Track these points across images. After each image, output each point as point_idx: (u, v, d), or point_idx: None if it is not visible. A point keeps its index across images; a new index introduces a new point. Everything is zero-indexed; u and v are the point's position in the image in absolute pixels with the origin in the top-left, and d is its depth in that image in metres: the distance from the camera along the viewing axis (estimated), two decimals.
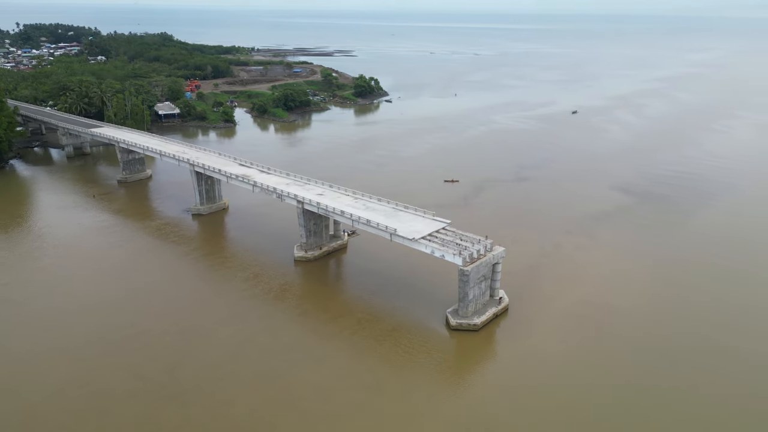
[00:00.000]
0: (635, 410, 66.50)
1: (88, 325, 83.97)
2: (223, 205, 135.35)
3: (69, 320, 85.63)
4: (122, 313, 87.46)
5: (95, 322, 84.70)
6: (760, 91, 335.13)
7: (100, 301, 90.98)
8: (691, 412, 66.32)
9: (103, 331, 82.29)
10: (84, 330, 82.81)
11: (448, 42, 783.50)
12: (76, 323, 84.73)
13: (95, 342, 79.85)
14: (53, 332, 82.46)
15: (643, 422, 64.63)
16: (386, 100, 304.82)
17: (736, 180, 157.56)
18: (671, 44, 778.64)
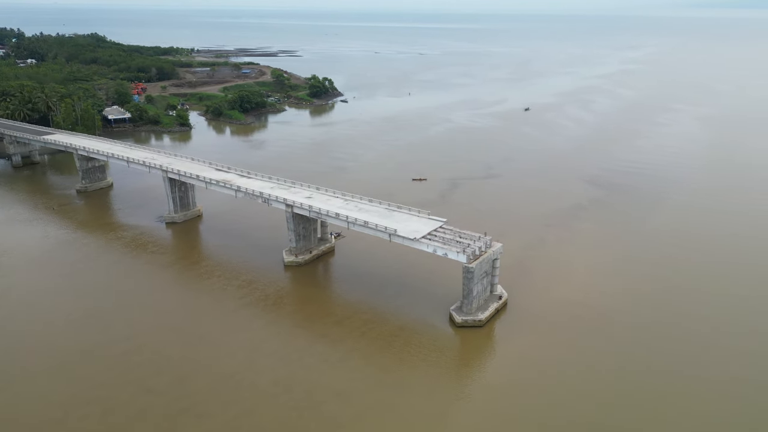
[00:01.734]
0: (635, 393, 69.76)
1: (80, 342, 79.74)
2: (197, 212, 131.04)
3: (58, 337, 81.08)
4: (114, 327, 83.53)
5: (88, 338, 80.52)
6: (690, 85, 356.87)
7: (87, 316, 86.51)
8: (688, 400, 69.84)
9: (99, 347, 78.41)
10: (77, 346, 78.58)
11: (391, 42, 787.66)
12: (67, 340, 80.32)
13: (93, 358, 75.98)
14: (43, 351, 77.72)
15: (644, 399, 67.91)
16: (342, 100, 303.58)
17: (687, 170, 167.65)
18: (601, 42, 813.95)
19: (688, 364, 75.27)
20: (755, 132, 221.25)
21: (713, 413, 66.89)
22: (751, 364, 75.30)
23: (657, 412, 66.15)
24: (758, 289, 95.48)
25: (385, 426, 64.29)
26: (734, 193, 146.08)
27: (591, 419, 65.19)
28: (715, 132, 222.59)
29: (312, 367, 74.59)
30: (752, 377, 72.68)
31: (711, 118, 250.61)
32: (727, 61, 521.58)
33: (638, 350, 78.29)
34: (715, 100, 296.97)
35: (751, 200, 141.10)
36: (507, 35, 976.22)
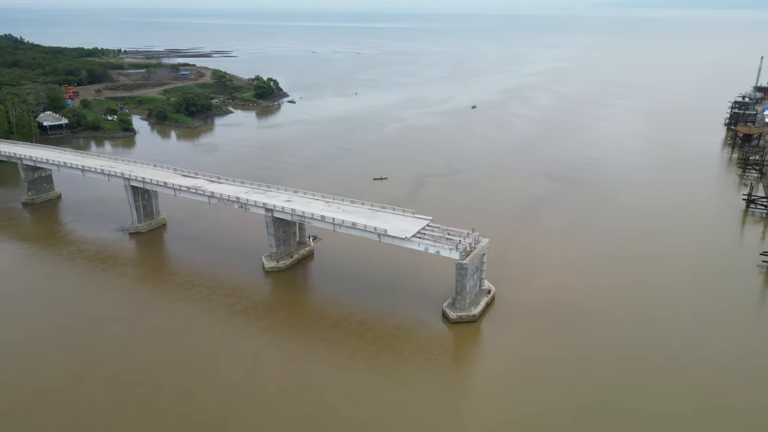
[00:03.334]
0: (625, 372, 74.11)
1: (66, 365, 75.34)
2: (162, 221, 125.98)
3: (39, 363, 76.09)
4: (100, 346, 79.49)
5: (73, 361, 76.21)
6: (618, 81, 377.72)
7: (66, 337, 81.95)
8: (670, 384, 74.30)
9: (88, 369, 74.48)
10: (63, 370, 74.18)
11: (327, 41, 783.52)
12: (51, 364, 75.61)
13: (84, 381, 72.13)
14: (27, 379, 72.70)
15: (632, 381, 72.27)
16: (289, 100, 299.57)
17: (630, 161, 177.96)
18: (528, 41, 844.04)
19: (665, 347, 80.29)
20: (682, 124, 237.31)
21: (695, 396, 71.81)
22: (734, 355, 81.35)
23: (646, 393, 70.32)
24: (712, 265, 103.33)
25: (404, 424, 64.96)
26: (674, 185, 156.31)
27: (598, 398, 68.41)
28: (647, 125, 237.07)
29: (318, 371, 73.99)
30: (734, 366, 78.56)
31: (641, 111, 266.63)
32: (642, 58, 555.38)
33: (621, 335, 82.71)
34: (642, 95, 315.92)
35: (690, 192, 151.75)
36: (434, 34, 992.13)
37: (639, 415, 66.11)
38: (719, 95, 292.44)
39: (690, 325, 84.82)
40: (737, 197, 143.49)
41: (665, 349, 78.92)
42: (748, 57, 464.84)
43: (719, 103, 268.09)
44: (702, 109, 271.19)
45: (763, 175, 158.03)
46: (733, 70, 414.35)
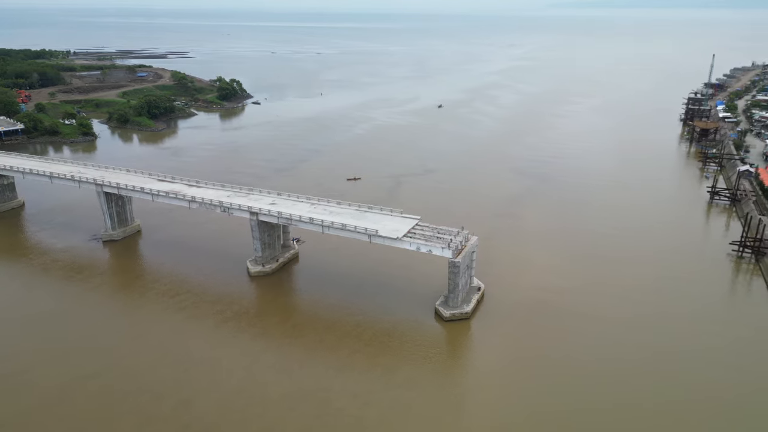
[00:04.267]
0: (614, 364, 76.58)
1: (53, 379, 72.29)
2: (136, 228, 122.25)
3: (23, 378, 72.63)
4: (87, 358, 76.68)
5: (60, 375, 73.26)
6: (578, 79, 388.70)
7: (49, 351, 78.36)
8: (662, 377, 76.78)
9: (77, 382, 71.78)
10: (51, 384, 71.23)
11: (286, 41, 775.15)
12: (36, 379, 72.33)
13: (76, 394, 69.58)
14: (12, 393, 69.25)
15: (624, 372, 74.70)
16: (253, 102, 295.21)
17: (595, 156, 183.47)
18: (484, 41, 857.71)
19: (653, 337, 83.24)
20: (640, 120, 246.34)
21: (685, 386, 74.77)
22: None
23: (641, 385, 72.73)
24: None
25: (412, 422, 65.23)
26: (640, 179, 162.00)
27: (598, 391, 70.38)
28: (608, 121, 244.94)
29: (318, 374, 73.40)
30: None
31: (602, 108, 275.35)
32: (599, 57, 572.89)
33: (606, 328, 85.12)
34: (601, 92, 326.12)
35: (657, 186, 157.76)
36: (394, 34, 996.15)
37: (640, 409, 68.14)
38: (673, 92, 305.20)
39: (676, 319, 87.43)
40: (701, 189, 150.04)
41: (651, 337, 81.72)
42: (700, 55, 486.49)
43: (674, 100, 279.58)
44: (658, 105, 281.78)
45: (723, 168, 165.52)
46: (686, 68, 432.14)
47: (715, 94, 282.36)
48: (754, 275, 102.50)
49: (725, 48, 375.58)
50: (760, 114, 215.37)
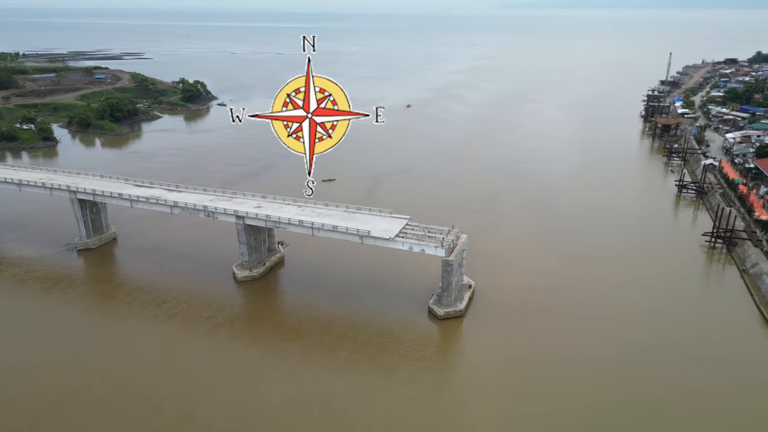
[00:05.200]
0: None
1: (44, 394, 69.57)
2: (112, 235, 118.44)
3: (10, 393, 69.19)
4: (77, 371, 74.16)
5: (51, 389, 70.52)
6: (537, 77, 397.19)
7: (34, 366, 75.19)
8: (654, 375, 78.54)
9: (71, 395, 69.34)
10: (43, 400, 68.30)
11: (245, 41, 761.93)
12: (25, 395, 69.45)
13: (71, 408, 67.17)
14: (1, 411, 65.89)
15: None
16: (219, 103, 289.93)
17: (566, 152, 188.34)
18: (443, 41, 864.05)
19: (644, 332, 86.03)
20: (602, 117, 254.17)
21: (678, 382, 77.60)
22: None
23: (640, 381, 75.07)
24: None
25: (419, 420, 65.70)
26: (609, 173, 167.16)
27: (598, 381, 72.24)
28: (572, 118, 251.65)
29: (319, 377, 73.02)
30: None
31: (564, 106, 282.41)
32: (556, 56, 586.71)
33: (600, 324, 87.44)
34: (562, 90, 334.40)
35: (626, 180, 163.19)
36: (349, 34, 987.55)
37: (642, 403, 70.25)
38: (630, 89, 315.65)
39: (663, 313, 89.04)
40: (668, 183, 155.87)
41: (642, 333, 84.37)
42: (654, 54, 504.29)
43: (632, 97, 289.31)
44: (617, 102, 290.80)
45: (686, 162, 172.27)
46: (641, 66, 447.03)
47: (672, 91, 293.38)
48: (727, 264, 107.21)
49: (676, 46, 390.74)
50: (716, 110, 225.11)
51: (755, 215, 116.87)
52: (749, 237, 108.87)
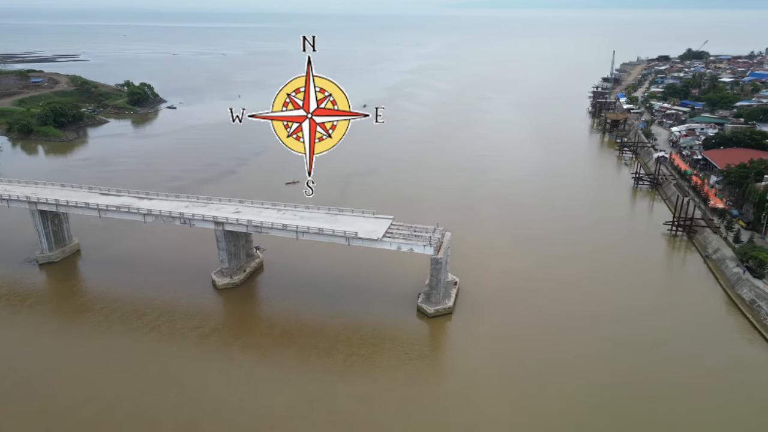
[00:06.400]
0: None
1: (34, 411, 65.72)
2: (75, 247, 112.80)
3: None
4: (65, 389, 70.56)
5: (40, 407, 66.64)
6: (487, 76, 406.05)
7: (14, 385, 70.88)
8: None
9: (64, 413, 65.90)
10: (34, 421, 63.87)
11: (187, 42, 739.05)
12: (12, 415, 64.91)
13: (65, 424, 63.78)
14: None
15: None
16: (168, 106, 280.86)
17: (524, 148, 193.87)
18: (389, 40, 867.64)
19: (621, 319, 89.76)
20: (553, 113, 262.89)
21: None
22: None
23: (631, 371, 78.33)
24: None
25: (425, 416, 66.27)
26: (567, 168, 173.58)
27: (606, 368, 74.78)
28: (525, 115, 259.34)
29: (319, 381, 72.47)
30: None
31: (516, 103, 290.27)
32: (499, 54, 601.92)
33: (581, 318, 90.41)
34: (511, 88, 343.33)
35: (583, 174, 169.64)
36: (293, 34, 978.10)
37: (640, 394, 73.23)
38: (576, 86, 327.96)
39: (644, 307, 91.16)
40: (624, 176, 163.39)
41: (621, 328, 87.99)
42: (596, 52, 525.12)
43: (578, 93, 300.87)
44: (565, 99, 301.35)
45: (638, 155, 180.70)
46: (584, 64, 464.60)
47: (614, 88, 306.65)
48: (689, 251, 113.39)
49: (613, 45, 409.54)
50: (659, 105, 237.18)
51: (710, 204, 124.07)
52: (708, 224, 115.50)
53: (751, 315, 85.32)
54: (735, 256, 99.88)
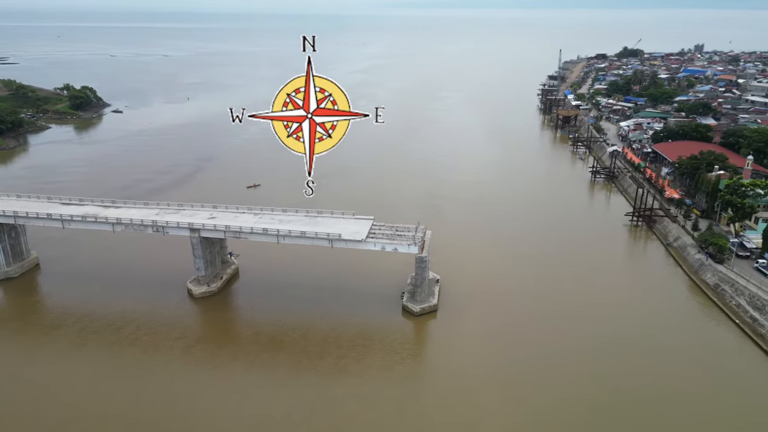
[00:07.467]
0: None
1: None
2: (34, 261, 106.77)
3: None
4: (43, 413, 66.61)
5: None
6: (436, 74, 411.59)
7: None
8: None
9: None
10: None
11: (125, 43, 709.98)
12: None
13: None
14: None
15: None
16: (113, 110, 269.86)
17: (482, 145, 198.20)
18: (336, 40, 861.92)
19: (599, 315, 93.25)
20: (504, 111, 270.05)
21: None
22: None
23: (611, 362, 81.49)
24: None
25: (429, 411, 67.06)
26: (524, 165, 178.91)
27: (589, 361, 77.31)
28: (479, 113, 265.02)
29: (315, 384, 71.86)
30: None
31: (469, 101, 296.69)
32: (446, 53, 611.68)
33: (549, 303, 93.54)
34: (462, 87, 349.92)
35: (540, 170, 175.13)
36: (236, 34, 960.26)
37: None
38: (523, 84, 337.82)
39: (620, 301, 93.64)
40: (579, 170, 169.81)
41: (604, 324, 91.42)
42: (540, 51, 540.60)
43: (526, 91, 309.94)
44: (513, 97, 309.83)
45: (591, 150, 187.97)
46: (530, 63, 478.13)
47: (561, 85, 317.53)
48: (650, 240, 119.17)
49: (553, 44, 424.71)
50: (605, 101, 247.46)
51: (666, 194, 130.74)
52: (666, 214, 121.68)
53: (716, 298, 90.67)
54: (695, 243, 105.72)
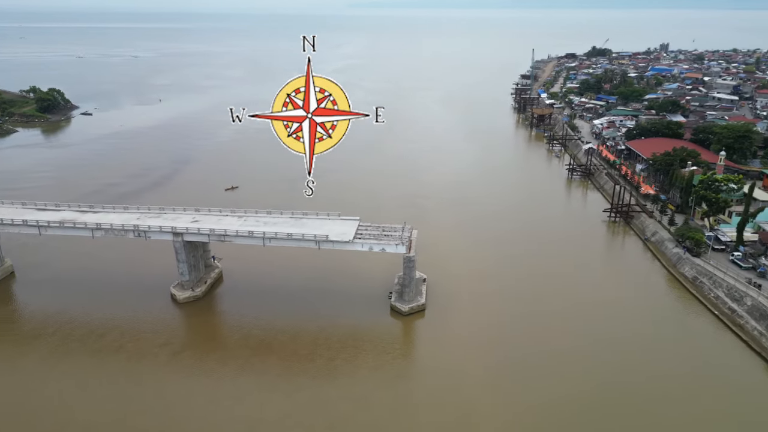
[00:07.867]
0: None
1: None
2: (9, 269, 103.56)
3: None
4: (32, 424, 65.05)
5: None
6: (409, 74, 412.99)
7: None
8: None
9: None
10: None
11: (91, 44, 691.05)
12: None
13: None
14: None
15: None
16: (83, 113, 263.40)
17: (462, 145, 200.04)
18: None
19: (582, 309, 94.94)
20: (479, 109, 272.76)
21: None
22: None
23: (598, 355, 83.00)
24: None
25: (426, 409, 67.34)
26: (503, 162, 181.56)
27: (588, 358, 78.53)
28: (454, 111, 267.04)
29: (307, 386, 71.54)
30: None
31: (444, 100, 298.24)
32: (417, 53, 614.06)
33: (534, 302, 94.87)
34: (436, 86, 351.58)
35: (520, 168, 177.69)
36: (204, 35, 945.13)
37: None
38: (495, 83, 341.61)
39: (604, 297, 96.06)
40: (556, 167, 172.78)
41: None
42: (511, 51, 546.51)
43: (499, 90, 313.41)
44: (487, 95, 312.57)
45: (567, 148, 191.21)
46: (501, 62, 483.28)
47: (533, 84, 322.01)
48: (628, 235, 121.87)
49: (527, 43, 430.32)
50: (578, 99, 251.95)
51: (642, 190, 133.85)
52: (643, 210, 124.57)
53: (695, 291, 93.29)
54: (673, 237, 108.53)
